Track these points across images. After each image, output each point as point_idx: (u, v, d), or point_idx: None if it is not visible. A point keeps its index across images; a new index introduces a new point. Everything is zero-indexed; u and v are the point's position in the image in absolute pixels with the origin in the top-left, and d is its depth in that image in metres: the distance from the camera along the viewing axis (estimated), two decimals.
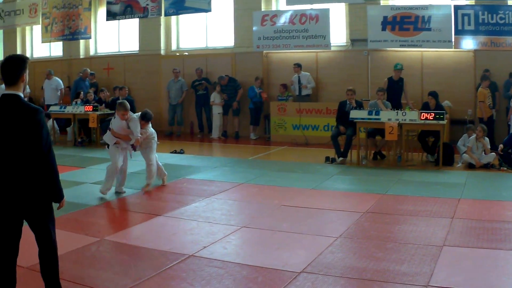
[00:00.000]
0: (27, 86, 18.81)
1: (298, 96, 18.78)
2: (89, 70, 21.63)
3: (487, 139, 13.65)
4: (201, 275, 6.44)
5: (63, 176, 12.48)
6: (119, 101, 11.43)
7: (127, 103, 11.00)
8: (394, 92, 15.24)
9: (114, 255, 7.43)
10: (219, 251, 7.35)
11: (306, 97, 18.77)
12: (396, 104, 14.69)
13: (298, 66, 18.66)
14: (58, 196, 5.31)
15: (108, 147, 11.02)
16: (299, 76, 18.69)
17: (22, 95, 5.18)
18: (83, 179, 12.31)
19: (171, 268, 6.70)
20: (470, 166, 13.32)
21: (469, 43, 16.99)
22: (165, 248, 7.46)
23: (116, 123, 10.87)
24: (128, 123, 10.78)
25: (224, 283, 6.20)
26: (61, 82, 21.19)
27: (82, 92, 19.76)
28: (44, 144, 5.09)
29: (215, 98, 19.65)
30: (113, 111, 13.49)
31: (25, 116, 5.04)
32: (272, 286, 6.08)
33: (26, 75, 5.22)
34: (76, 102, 18.95)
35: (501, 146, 13.51)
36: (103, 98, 19.19)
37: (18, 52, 25.93)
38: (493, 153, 13.52)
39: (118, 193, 10.91)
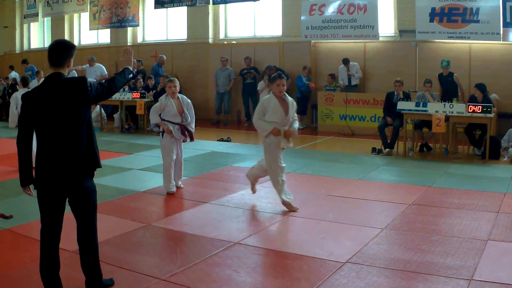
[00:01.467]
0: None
1: (347, 86, 18.74)
2: (165, 57, 21.75)
3: None
4: (246, 263, 6.51)
5: (110, 162, 12.80)
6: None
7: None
8: (446, 87, 15.19)
9: (160, 241, 7.57)
10: (264, 239, 7.44)
11: (354, 88, 18.72)
12: (450, 98, 14.43)
13: (346, 63, 18.65)
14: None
15: (162, 135, 9.97)
16: (348, 68, 18.67)
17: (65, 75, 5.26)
18: (130, 165, 12.49)
19: (217, 255, 6.78)
20: None
21: None
22: (211, 235, 7.55)
23: (171, 105, 9.85)
24: (183, 105, 9.96)
25: (269, 271, 6.27)
26: (104, 68, 21.32)
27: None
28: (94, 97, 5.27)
29: (262, 86, 19.65)
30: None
31: (73, 87, 5.13)
32: (317, 275, 6.11)
33: (72, 61, 5.32)
34: (124, 89, 19.14)
35: None
36: (150, 85, 19.37)
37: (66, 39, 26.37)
38: None
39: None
